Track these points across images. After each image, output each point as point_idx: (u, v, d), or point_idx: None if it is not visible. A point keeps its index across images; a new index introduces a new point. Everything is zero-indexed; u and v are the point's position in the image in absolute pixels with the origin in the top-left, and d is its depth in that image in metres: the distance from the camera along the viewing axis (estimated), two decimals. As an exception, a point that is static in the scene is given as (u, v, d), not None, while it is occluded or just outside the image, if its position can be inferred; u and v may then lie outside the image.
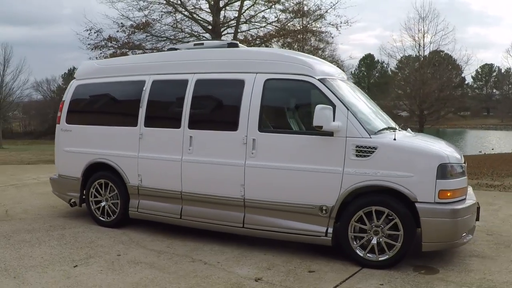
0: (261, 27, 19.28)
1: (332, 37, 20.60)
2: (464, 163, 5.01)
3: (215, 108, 5.68)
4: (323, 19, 19.46)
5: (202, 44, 6.06)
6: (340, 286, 4.32)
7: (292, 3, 18.66)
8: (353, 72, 67.99)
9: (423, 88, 27.43)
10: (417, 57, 30.46)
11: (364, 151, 4.72)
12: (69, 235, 5.86)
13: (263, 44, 18.56)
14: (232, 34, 19.21)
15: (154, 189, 5.84)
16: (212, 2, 18.47)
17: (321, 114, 4.67)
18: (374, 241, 4.73)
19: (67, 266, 4.76)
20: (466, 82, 49.05)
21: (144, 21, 17.84)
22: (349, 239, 4.82)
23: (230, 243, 5.53)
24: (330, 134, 4.81)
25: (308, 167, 4.93)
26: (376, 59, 71.08)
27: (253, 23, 19.54)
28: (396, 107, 30.79)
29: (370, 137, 4.74)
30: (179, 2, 18.20)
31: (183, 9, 18.23)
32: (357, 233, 4.80)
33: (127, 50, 18.35)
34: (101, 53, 18.41)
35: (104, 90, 6.41)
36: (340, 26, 18.96)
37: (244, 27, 19.75)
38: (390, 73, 43.26)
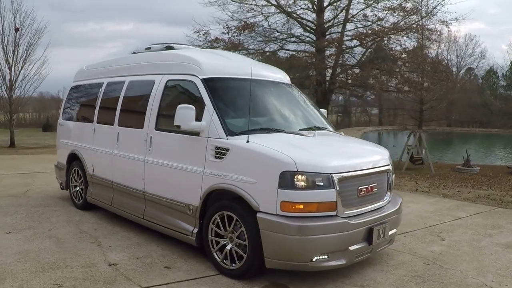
0: (367, 26, 18.41)
1: (439, 35, 18.58)
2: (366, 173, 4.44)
3: (134, 107, 6.09)
4: (433, 15, 17.83)
5: (150, 48, 6.55)
6: (168, 285, 4.32)
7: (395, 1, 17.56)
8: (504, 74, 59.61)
9: None
10: None
11: (220, 153, 4.59)
12: (41, 211, 6.96)
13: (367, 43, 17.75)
14: (338, 34, 18.89)
15: (99, 177, 6.55)
16: (316, 1, 18.48)
17: (180, 114, 4.70)
18: (228, 247, 4.55)
19: (1, 232, 5.77)
20: None
21: (248, 23, 18.41)
22: (209, 242, 4.72)
23: (144, 232, 5.87)
24: (196, 134, 4.80)
25: (181, 166, 5.01)
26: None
27: (355, 22, 18.92)
28: None
29: (227, 138, 4.57)
30: (282, 3, 18.43)
31: (287, 11, 18.42)
32: (216, 237, 4.67)
33: (232, 51, 19.36)
34: None
35: (82, 91, 7.45)
36: (450, 23, 17.24)
37: (349, 26, 19.18)
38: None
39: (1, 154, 17.18)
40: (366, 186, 4.49)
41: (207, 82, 5.01)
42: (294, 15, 18.70)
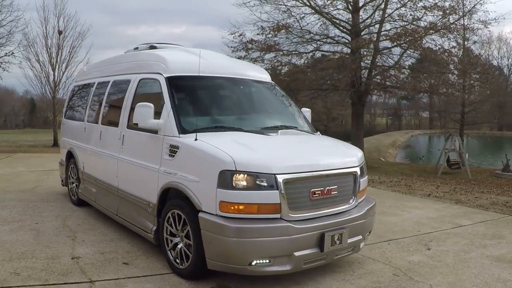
0: (403, 26, 17.70)
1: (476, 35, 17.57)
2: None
3: (114, 106, 6.17)
4: (471, 14, 16.88)
5: (137, 48, 6.63)
6: (117, 281, 4.32)
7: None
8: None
9: None
10: None
11: (172, 151, 4.55)
12: (37, 206, 7.23)
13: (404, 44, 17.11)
14: (374, 34, 18.36)
15: (87, 174, 6.72)
16: (352, 1, 18.09)
17: (138, 112, 4.72)
18: (179, 246, 4.49)
19: (-10, 223, 6.08)
20: None
21: (280, 24, 18.22)
22: (164, 240, 4.69)
23: (123, 229, 5.92)
24: (155, 132, 4.79)
25: (143, 163, 5.03)
26: None
27: (390, 22, 18.27)
28: None
29: (179, 136, 4.51)
30: (319, 4, 18.22)
31: (323, 11, 18.15)
32: (170, 236, 4.62)
33: (266, 52, 18.93)
34: (246, 55, 19.05)
35: (79, 91, 7.68)
36: (489, 23, 16.26)
37: (385, 26, 18.54)
38: None
39: (39, 152, 18.18)
40: (321, 188, 4.26)
41: (170, 80, 4.98)
42: (329, 15, 18.37)
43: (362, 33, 18.46)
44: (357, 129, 19.50)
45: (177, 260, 4.50)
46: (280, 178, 3.97)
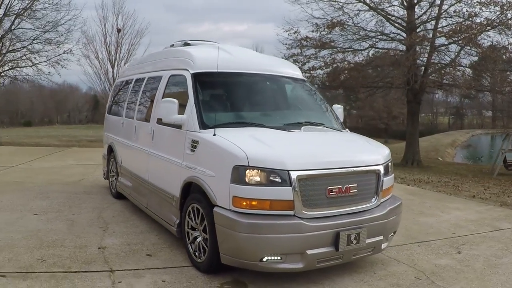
0: (459, 23, 16.86)
1: None
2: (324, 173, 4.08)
3: (146, 102, 6.34)
4: None
5: (173, 45, 6.78)
6: (136, 271, 4.47)
7: None
8: None
9: None
10: None
11: (193, 145, 4.63)
12: (78, 198, 7.59)
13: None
14: (430, 31, 17.68)
15: (125, 168, 6.98)
16: None
17: (163, 107, 4.85)
18: (198, 240, 4.57)
19: (28, 213, 6.48)
20: None
21: (337, 21, 17.97)
22: (185, 233, 4.79)
23: (155, 222, 6.07)
24: (179, 127, 4.89)
25: (169, 158, 5.16)
26: None
27: (447, 19, 17.47)
28: None
29: (200, 132, 4.58)
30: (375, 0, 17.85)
31: (378, 8, 17.77)
32: (191, 230, 4.71)
33: (321, 49, 18.75)
34: (300, 52, 18.97)
35: (120, 87, 7.96)
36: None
37: (444, 22, 17.79)
38: None
39: (95, 147, 19.10)
40: (339, 186, 4.16)
41: (196, 76, 5.06)
42: (383, 12, 17.89)
43: (417, 30, 17.81)
44: (412, 128, 18.95)
45: (196, 254, 4.58)
46: (294, 175, 3.92)
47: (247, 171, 3.91)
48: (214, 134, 4.37)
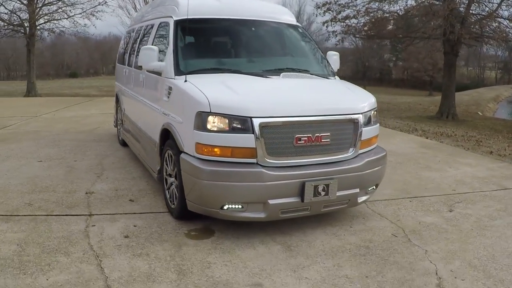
0: None
1: None
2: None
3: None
4: None
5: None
6: (113, 215, 4.58)
7: None
8: None
9: None
10: None
11: (168, 92, 4.56)
12: (86, 145, 7.80)
13: None
14: None
15: (126, 116, 7.05)
16: None
17: (142, 54, 4.78)
18: (173, 186, 4.58)
19: (33, 160, 6.71)
20: None
21: None
22: (164, 180, 4.81)
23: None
24: (159, 74, 4.81)
25: (151, 104, 5.20)
26: None
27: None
28: None
29: (174, 78, 4.48)
30: None
31: None
32: (168, 176, 4.72)
33: None
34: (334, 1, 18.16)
35: (127, 36, 7.89)
36: None
37: None
38: None
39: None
40: (308, 135, 3.97)
41: (178, 23, 4.92)
42: None
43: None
44: (448, 80, 17.96)
45: (170, 200, 4.62)
46: (257, 122, 3.78)
47: (209, 117, 3.82)
48: (186, 81, 4.26)
